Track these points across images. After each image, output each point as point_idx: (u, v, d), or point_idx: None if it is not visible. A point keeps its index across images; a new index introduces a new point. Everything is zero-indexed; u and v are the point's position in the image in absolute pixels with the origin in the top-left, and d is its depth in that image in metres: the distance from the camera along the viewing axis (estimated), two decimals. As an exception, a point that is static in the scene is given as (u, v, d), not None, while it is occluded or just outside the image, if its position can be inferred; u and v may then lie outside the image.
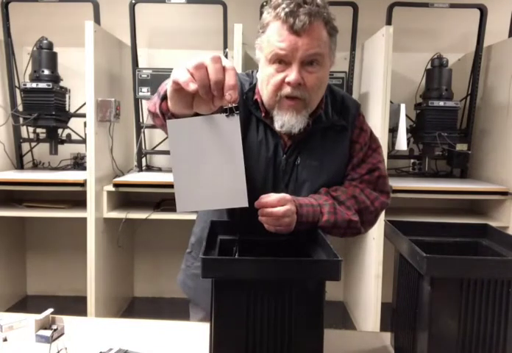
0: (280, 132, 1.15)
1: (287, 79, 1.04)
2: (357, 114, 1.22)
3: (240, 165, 0.75)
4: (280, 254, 1.02)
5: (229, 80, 0.74)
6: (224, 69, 0.75)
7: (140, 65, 2.96)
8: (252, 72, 1.23)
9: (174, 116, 0.86)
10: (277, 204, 1.02)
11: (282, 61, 1.04)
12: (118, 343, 1.04)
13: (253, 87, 1.17)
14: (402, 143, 2.68)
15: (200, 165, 0.76)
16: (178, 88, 0.76)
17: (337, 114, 1.19)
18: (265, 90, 1.10)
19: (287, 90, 1.05)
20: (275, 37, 1.03)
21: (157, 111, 0.91)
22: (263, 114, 1.15)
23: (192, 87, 0.74)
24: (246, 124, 1.15)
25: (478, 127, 2.98)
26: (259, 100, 1.15)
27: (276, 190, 1.12)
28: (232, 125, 0.74)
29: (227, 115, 0.75)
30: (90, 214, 2.54)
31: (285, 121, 1.08)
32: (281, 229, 1.04)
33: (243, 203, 0.76)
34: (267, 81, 1.08)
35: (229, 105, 0.74)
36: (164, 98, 0.88)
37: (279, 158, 1.15)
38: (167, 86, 0.83)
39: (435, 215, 2.74)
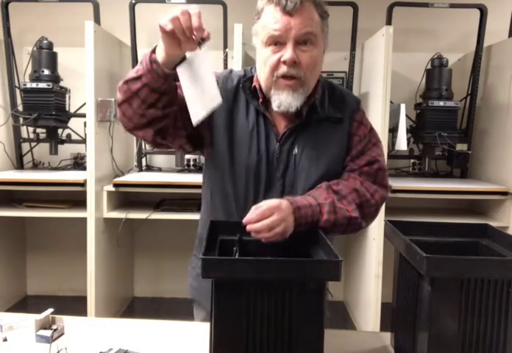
0: (275, 122, 1.18)
1: (282, 58, 1.08)
2: (357, 109, 1.24)
3: (211, 75, 1.02)
4: (280, 254, 1.02)
5: (194, 23, 0.94)
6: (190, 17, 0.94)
7: (140, 65, 2.95)
8: (251, 69, 1.24)
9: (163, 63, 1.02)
10: (262, 217, 1.01)
11: (277, 42, 1.08)
12: (118, 343, 1.04)
13: (250, 78, 1.20)
14: (402, 143, 2.68)
15: (196, 85, 1.02)
16: (163, 31, 0.97)
17: (333, 107, 1.20)
18: (262, 73, 1.13)
19: (283, 69, 1.09)
20: (269, 20, 1.08)
21: (147, 61, 1.03)
22: (261, 100, 1.17)
23: (169, 26, 0.95)
24: (240, 113, 1.18)
25: (478, 127, 2.98)
26: (257, 86, 1.17)
27: (271, 179, 1.15)
28: (204, 52, 1.01)
29: (200, 47, 0.99)
30: (90, 214, 2.54)
31: (282, 100, 1.11)
32: (276, 238, 1.02)
33: (219, 100, 1.01)
34: (264, 63, 1.11)
35: (200, 41, 0.98)
36: (153, 51, 1.04)
37: (272, 146, 1.17)
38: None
39: (435, 215, 2.74)
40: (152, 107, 1.06)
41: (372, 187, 1.19)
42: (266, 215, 1.01)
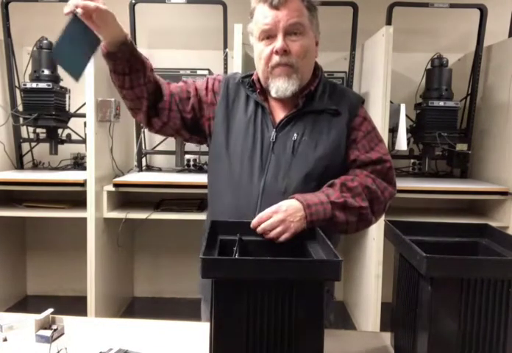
0: (273, 112, 1.26)
1: (274, 49, 1.16)
2: (359, 105, 1.29)
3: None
4: (280, 254, 1.02)
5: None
6: None
7: (140, 65, 2.95)
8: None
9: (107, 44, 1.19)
10: (262, 221, 1.09)
11: (269, 36, 1.18)
12: (118, 343, 1.04)
13: (250, 75, 1.30)
14: (402, 143, 2.68)
15: None
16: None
17: (332, 101, 1.26)
18: (259, 66, 1.23)
19: (276, 59, 1.18)
20: (260, 17, 1.18)
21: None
22: (258, 90, 1.26)
23: (65, 10, 1.06)
24: (240, 107, 1.27)
25: (478, 127, 2.98)
26: (255, 78, 1.27)
27: (265, 163, 1.21)
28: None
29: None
30: (90, 214, 2.54)
31: (279, 86, 1.20)
32: (279, 237, 1.09)
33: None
34: (259, 57, 1.21)
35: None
36: None
37: (268, 133, 1.23)
38: None
39: (435, 215, 2.74)
40: (123, 88, 1.24)
41: (382, 184, 1.24)
42: (264, 220, 1.09)
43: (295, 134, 1.22)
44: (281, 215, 1.09)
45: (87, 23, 1.08)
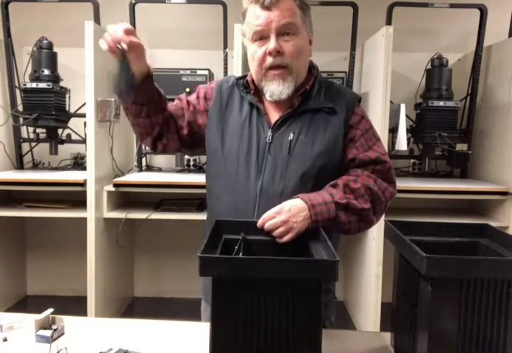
0: (269, 112, 1.25)
1: (267, 50, 1.16)
2: (356, 103, 1.28)
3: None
4: (284, 253, 1.02)
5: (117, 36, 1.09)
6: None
7: (140, 65, 2.95)
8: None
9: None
10: (266, 220, 1.09)
11: (262, 37, 1.17)
12: (118, 343, 1.04)
13: (244, 76, 1.30)
14: (402, 143, 2.68)
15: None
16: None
17: (328, 99, 1.25)
18: (252, 67, 1.22)
19: (269, 60, 1.17)
20: (252, 18, 1.17)
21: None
22: (252, 91, 1.25)
23: (103, 46, 1.10)
24: (235, 109, 1.27)
25: (478, 127, 2.98)
26: (249, 80, 1.26)
27: (262, 163, 1.21)
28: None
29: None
30: (90, 214, 2.54)
31: (273, 90, 1.19)
32: (282, 236, 1.09)
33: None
34: (252, 58, 1.20)
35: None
36: None
37: (264, 134, 1.23)
38: None
39: (435, 215, 2.74)
40: (139, 117, 1.25)
41: (383, 184, 1.24)
42: (267, 220, 1.09)
43: (291, 134, 1.21)
44: (284, 216, 1.08)
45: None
